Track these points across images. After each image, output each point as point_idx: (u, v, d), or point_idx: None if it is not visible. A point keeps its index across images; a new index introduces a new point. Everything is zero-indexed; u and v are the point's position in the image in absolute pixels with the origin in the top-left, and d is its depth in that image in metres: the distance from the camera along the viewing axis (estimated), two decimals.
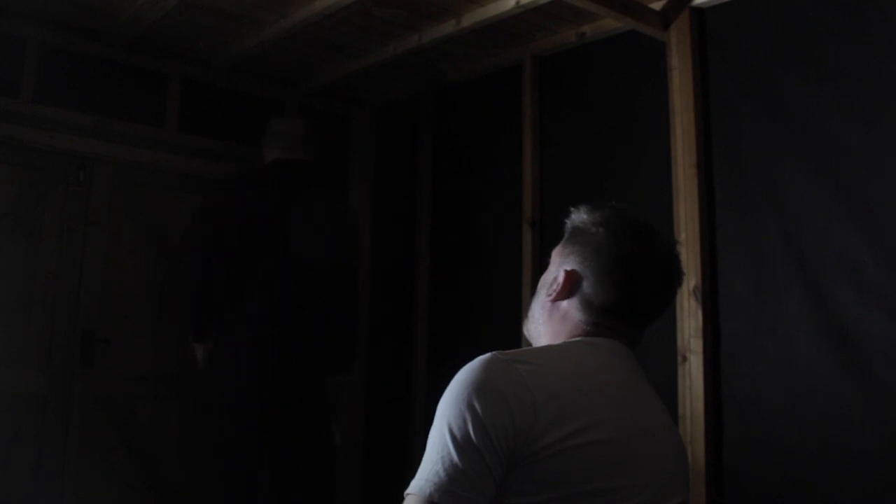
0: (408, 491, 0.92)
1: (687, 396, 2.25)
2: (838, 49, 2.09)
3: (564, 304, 1.14)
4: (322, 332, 2.68)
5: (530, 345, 1.20)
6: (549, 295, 1.15)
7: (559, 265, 1.17)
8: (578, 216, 1.19)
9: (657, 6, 2.46)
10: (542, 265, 2.72)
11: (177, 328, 3.01)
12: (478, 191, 3.13)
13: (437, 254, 3.25)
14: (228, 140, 3.26)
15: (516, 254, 2.84)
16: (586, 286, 1.11)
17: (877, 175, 1.98)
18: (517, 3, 2.45)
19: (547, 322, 1.16)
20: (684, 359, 2.28)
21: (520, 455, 0.89)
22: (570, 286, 1.13)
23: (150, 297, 3.03)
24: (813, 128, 2.12)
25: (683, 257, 2.27)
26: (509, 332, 2.66)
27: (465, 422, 0.89)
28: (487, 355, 0.97)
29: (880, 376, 1.92)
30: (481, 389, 0.91)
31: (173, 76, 3.13)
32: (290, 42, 2.91)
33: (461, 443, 0.89)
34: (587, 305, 1.11)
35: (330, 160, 3.50)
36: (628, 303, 1.11)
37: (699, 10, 2.41)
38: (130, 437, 2.93)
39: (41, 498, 2.70)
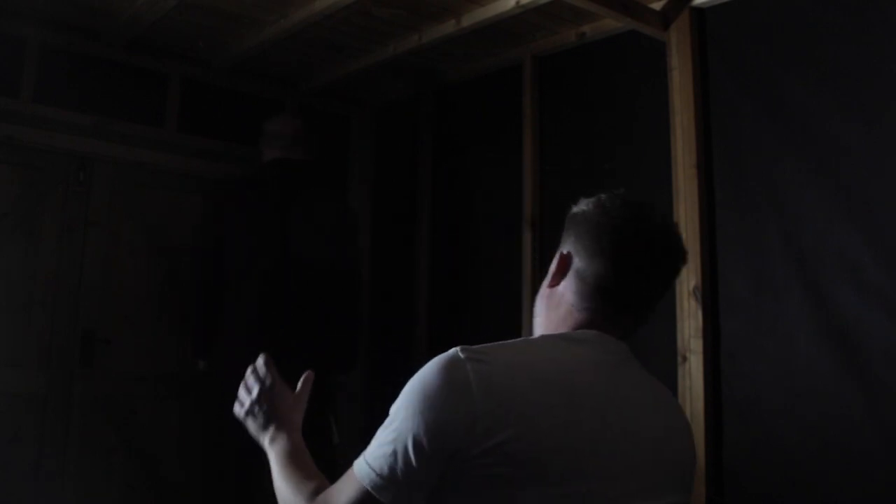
0: (355, 466, 0.97)
1: (687, 396, 2.25)
2: (838, 49, 2.09)
3: (560, 287, 1.11)
4: (322, 331, 2.68)
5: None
6: (548, 282, 1.13)
7: (559, 250, 1.15)
8: (577, 207, 1.16)
9: (657, 6, 2.46)
10: (542, 265, 2.72)
11: (177, 328, 3.01)
12: (478, 191, 3.13)
13: (437, 254, 3.25)
14: (228, 140, 3.26)
15: (516, 254, 2.83)
16: (578, 262, 1.09)
17: (877, 175, 1.98)
18: (517, 3, 2.45)
19: (545, 312, 1.13)
20: (684, 359, 2.28)
21: (457, 459, 0.91)
22: (565, 266, 1.10)
23: (150, 297, 3.03)
24: (813, 128, 2.12)
25: None
26: (509, 332, 2.63)
27: (409, 428, 0.93)
28: (451, 352, 0.97)
29: (880, 376, 1.92)
30: (430, 398, 0.93)
31: (173, 76, 3.13)
32: (290, 42, 2.91)
33: (403, 447, 0.93)
34: (581, 283, 1.08)
35: (330, 160, 3.50)
36: (621, 277, 1.06)
37: (699, 10, 2.41)
38: (130, 437, 2.93)
39: (41, 498, 2.69)
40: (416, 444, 0.92)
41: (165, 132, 3.11)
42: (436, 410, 0.92)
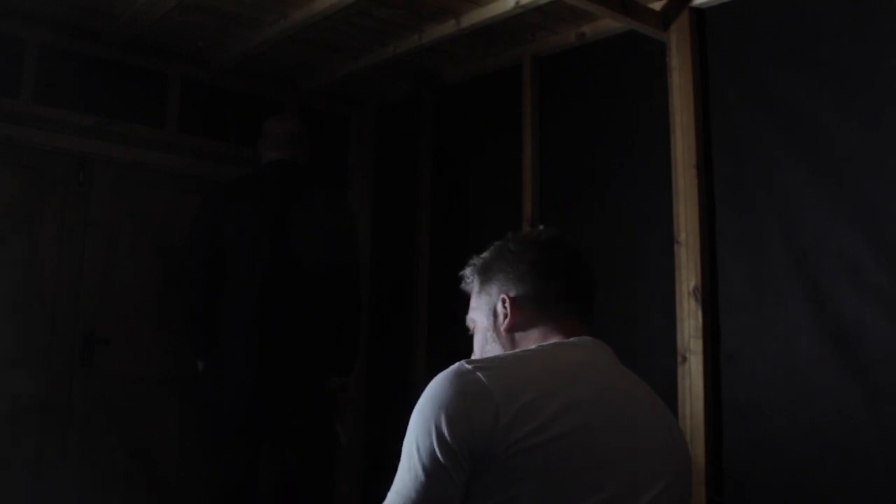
0: None
1: (687, 396, 2.25)
2: (838, 49, 2.09)
3: (519, 322, 1.17)
4: (322, 332, 2.68)
5: None
6: (501, 326, 1.18)
7: (488, 304, 1.21)
8: (473, 265, 1.27)
9: (657, 6, 2.46)
10: None
11: (176, 329, 3.00)
12: (478, 190, 3.13)
13: (437, 254, 3.25)
14: (228, 140, 3.26)
15: None
16: (522, 296, 1.17)
17: (877, 175, 1.98)
18: (517, 3, 2.45)
19: (511, 348, 1.18)
20: (684, 359, 2.28)
21: (483, 459, 0.93)
22: (516, 305, 1.17)
23: (150, 297, 3.03)
24: (813, 128, 2.12)
25: (683, 257, 2.30)
26: None
27: (431, 441, 0.94)
28: (455, 366, 1.00)
29: (880, 376, 1.92)
30: (445, 405, 0.95)
31: (173, 76, 3.13)
32: (290, 42, 2.91)
33: (429, 462, 0.93)
34: (538, 304, 1.16)
35: (330, 160, 3.50)
36: (563, 287, 1.18)
37: (699, 11, 2.41)
38: (130, 437, 2.93)
39: (41, 497, 2.69)
40: (443, 447, 0.92)
41: (165, 132, 3.11)
42: (456, 414, 0.93)
